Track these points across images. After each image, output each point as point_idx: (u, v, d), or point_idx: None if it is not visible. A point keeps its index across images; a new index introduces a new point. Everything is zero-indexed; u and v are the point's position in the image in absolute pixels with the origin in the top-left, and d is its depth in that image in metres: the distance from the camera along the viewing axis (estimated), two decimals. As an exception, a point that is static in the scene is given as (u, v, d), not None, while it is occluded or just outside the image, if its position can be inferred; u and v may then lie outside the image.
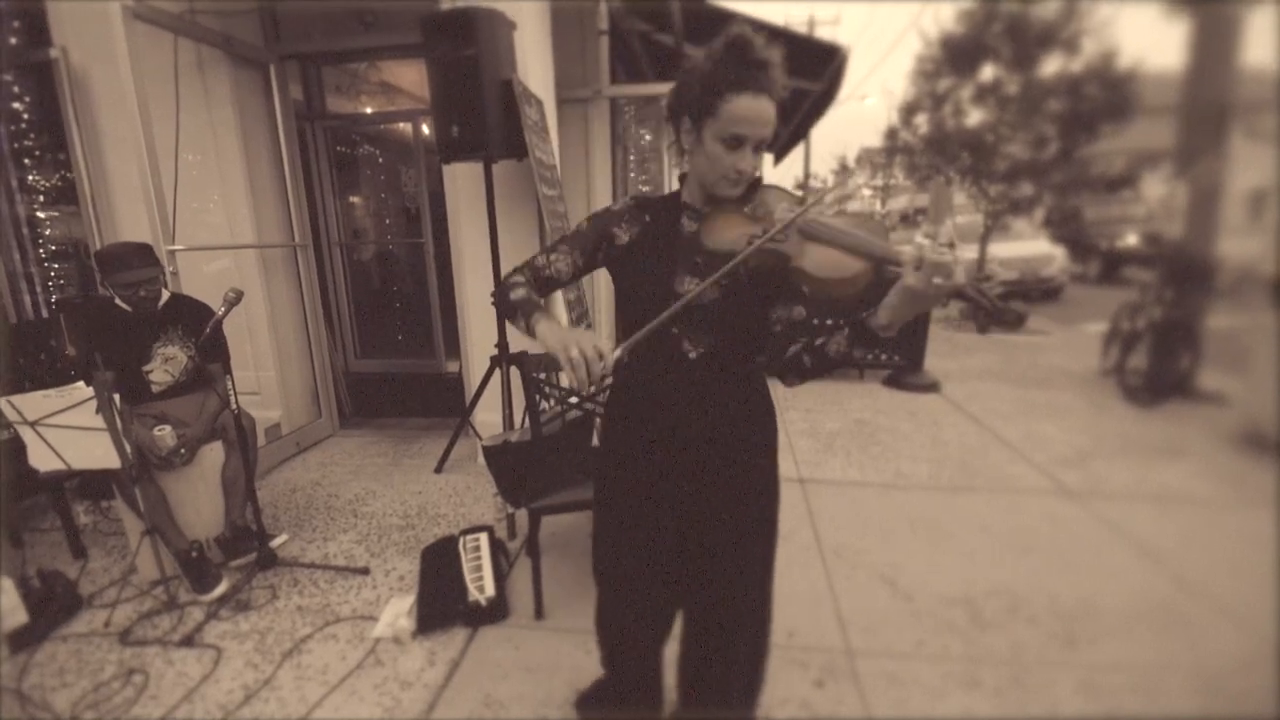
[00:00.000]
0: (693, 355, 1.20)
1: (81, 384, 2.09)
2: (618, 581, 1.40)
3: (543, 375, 2.30)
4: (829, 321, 1.16)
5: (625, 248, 1.25)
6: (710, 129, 1.10)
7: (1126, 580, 2.35)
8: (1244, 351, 3.71)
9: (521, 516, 2.76)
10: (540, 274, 1.28)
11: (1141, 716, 1.73)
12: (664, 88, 1.20)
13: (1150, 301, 4.51)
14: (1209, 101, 4.00)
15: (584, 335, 1.04)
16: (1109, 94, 6.08)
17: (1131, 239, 7.51)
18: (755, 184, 1.17)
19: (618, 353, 1.04)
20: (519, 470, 2.31)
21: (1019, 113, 6.62)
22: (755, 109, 1.07)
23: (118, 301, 2.42)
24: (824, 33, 19.73)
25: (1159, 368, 4.39)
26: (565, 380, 1.02)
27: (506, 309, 1.23)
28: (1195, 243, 4.28)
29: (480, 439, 3.22)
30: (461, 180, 3.26)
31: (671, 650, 1.51)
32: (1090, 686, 1.82)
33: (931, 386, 4.96)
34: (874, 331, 1.06)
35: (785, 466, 1.38)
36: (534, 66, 3.17)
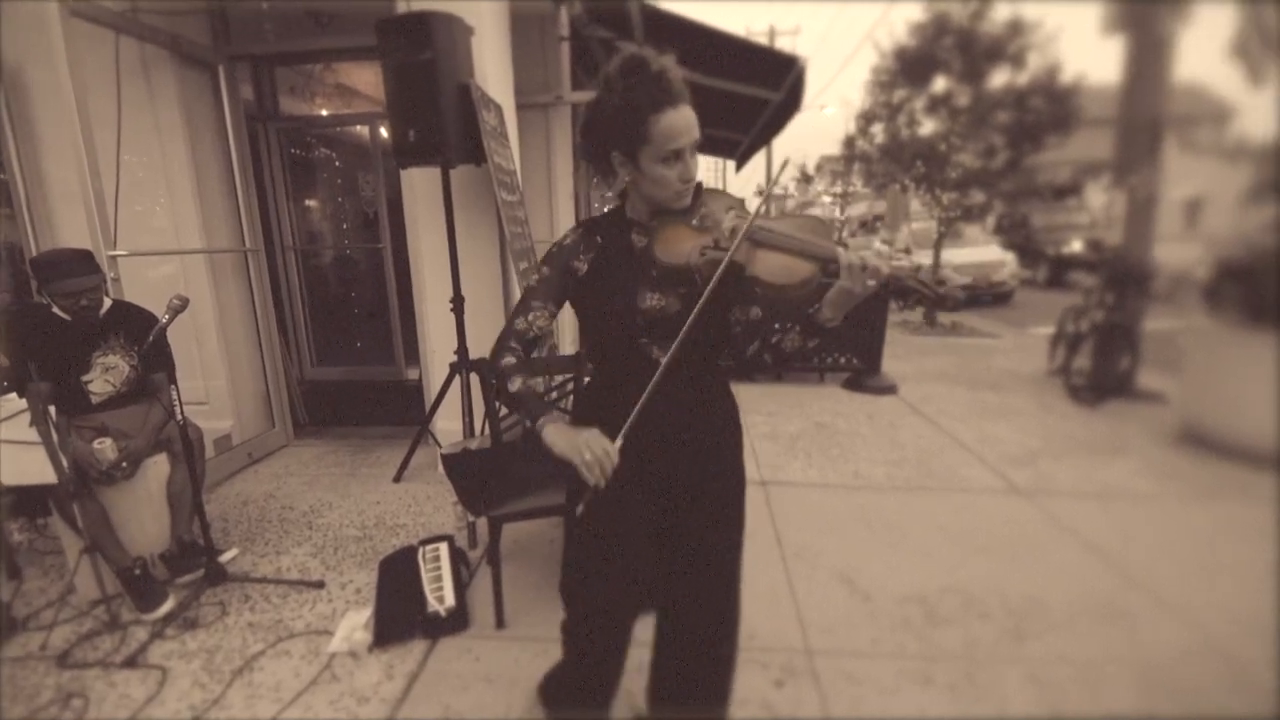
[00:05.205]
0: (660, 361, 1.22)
1: (14, 396, 1.99)
2: (591, 591, 1.36)
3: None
4: (783, 324, 1.25)
5: (586, 276, 1.28)
6: (646, 155, 1.14)
7: (1072, 575, 2.43)
8: (1179, 353, 3.90)
9: (482, 525, 2.71)
10: (525, 338, 1.29)
11: (1087, 716, 1.79)
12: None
13: (1093, 305, 4.71)
14: (1144, 115, 4.20)
15: (592, 438, 1.10)
16: (1053, 106, 6.35)
17: (1076, 245, 7.85)
18: (697, 191, 1.21)
19: (618, 442, 1.11)
20: (479, 478, 2.29)
21: (969, 123, 6.85)
22: (679, 120, 1.12)
23: (55, 310, 2.31)
24: (784, 43, 20.15)
25: (1102, 368, 4.59)
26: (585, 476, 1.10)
27: (505, 400, 1.27)
28: (1133, 249, 4.50)
29: (440, 447, 3.17)
30: (420, 185, 3.22)
31: (644, 654, 1.50)
32: (1037, 681, 1.88)
33: (889, 389, 5.08)
34: (821, 325, 1.17)
35: (747, 469, 1.42)
36: (493, 71, 3.15)
